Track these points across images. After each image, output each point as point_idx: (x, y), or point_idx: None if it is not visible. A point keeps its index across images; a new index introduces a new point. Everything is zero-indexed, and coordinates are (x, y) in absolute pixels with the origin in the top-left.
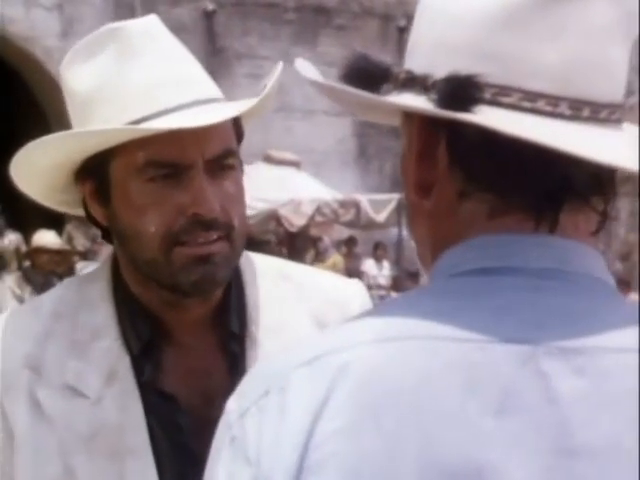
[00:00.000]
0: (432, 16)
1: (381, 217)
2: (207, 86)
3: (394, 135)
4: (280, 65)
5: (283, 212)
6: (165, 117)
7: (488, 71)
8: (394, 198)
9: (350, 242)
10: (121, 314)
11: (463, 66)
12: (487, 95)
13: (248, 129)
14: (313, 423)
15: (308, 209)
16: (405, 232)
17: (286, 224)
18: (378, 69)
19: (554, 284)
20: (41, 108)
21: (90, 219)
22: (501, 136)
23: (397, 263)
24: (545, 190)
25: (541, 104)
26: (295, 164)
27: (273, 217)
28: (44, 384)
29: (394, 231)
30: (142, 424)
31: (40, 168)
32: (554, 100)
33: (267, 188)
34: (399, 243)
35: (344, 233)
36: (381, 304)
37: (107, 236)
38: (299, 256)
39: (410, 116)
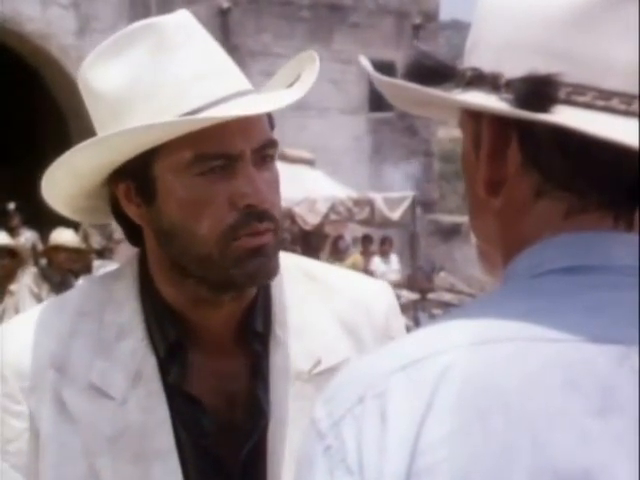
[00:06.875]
0: (498, 15)
1: (396, 215)
2: (242, 79)
3: (408, 133)
4: (317, 58)
5: (297, 210)
6: (216, 108)
7: (561, 70)
8: (408, 196)
9: (366, 240)
10: (147, 314)
11: (535, 65)
12: (561, 94)
13: None
14: (419, 428)
15: (322, 207)
16: (419, 230)
17: (300, 222)
18: (442, 66)
19: (636, 281)
20: (58, 105)
21: (120, 220)
22: (576, 135)
23: (411, 261)
24: (623, 188)
25: (615, 102)
26: (309, 162)
27: (287, 215)
28: (69, 384)
29: (408, 229)
30: (168, 427)
31: (78, 172)
32: (628, 98)
33: (281, 186)
34: (413, 241)
35: (357, 231)
36: (466, 305)
37: (134, 237)
38: (314, 255)
39: (476, 115)
